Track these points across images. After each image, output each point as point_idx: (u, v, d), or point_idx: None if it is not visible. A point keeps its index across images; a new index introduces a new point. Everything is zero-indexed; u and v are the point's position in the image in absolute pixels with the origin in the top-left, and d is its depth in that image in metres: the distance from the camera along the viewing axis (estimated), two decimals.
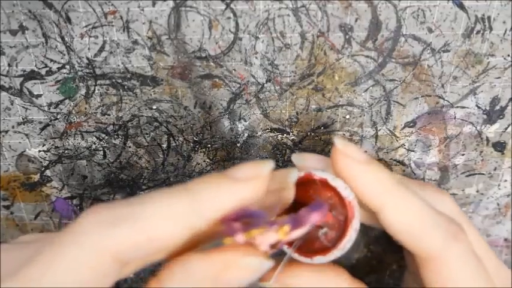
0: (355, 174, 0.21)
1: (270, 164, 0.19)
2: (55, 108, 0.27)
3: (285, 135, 0.29)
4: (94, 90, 0.27)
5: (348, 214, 0.21)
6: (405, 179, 0.27)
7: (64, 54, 0.26)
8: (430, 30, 0.26)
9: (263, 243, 0.18)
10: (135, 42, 0.25)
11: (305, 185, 0.22)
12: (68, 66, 0.26)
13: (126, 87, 0.27)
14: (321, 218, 0.19)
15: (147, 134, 0.28)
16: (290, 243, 0.21)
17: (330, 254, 0.21)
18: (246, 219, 0.18)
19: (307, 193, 0.22)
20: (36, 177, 0.30)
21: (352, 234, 0.21)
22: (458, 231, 0.21)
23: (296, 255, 0.21)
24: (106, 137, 0.28)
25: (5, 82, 0.26)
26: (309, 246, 0.22)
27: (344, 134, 0.29)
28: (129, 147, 0.29)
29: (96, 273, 0.17)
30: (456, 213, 0.24)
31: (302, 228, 0.19)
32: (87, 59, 0.26)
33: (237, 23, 0.25)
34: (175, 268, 0.18)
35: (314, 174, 0.22)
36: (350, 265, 0.32)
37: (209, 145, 0.29)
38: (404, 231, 0.20)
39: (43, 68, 0.26)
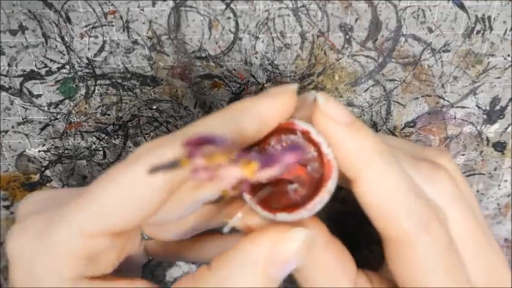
0: (335, 137, 0.19)
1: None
2: (55, 108, 0.27)
3: None
4: (94, 90, 0.27)
5: (325, 173, 0.19)
6: (400, 142, 0.24)
7: (64, 54, 0.26)
8: (430, 30, 0.26)
9: (226, 178, 0.16)
10: (135, 42, 0.25)
11: (283, 134, 0.20)
12: (67, 66, 0.26)
13: (126, 87, 0.27)
14: (296, 159, 0.17)
15: (147, 134, 0.28)
16: (253, 192, 0.19)
17: (296, 213, 0.19)
18: (209, 144, 0.16)
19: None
20: (36, 177, 0.30)
21: (324, 195, 0.19)
22: (432, 220, 0.19)
23: (258, 208, 0.19)
24: (106, 137, 0.28)
25: (4, 82, 0.26)
26: (274, 200, 0.19)
27: None
28: (129, 147, 0.29)
29: (152, 190, 0.17)
30: (447, 193, 0.21)
31: (272, 169, 0.16)
32: (87, 59, 0.26)
33: (237, 23, 0.25)
34: (227, 256, 0.19)
35: (297, 124, 0.19)
36: None
37: None
38: (374, 208, 0.19)
39: (43, 68, 0.26)
